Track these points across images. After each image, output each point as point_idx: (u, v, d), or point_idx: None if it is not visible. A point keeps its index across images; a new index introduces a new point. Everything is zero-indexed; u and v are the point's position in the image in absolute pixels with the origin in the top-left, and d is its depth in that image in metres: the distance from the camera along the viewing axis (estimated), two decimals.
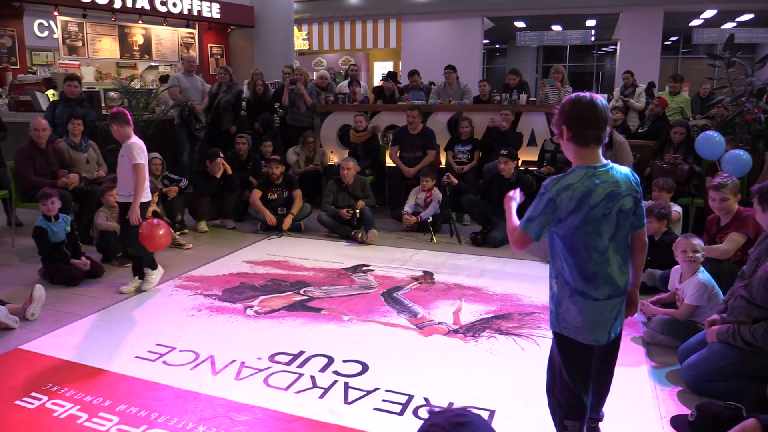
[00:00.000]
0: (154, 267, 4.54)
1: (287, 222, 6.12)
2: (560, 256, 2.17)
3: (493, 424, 2.67)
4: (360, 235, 5.84)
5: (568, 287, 2.16)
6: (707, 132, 5.46)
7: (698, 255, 3.44)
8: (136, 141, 4.29)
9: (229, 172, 6.27)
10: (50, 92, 8.21)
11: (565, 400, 2.25)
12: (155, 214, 5.57)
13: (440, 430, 1.08)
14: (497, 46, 23.37)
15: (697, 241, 3.48)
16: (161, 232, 4.43)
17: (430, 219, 6.04)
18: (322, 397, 2.92)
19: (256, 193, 6.23)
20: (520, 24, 17.81)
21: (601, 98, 2.14)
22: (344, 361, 3.29)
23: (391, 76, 8.69)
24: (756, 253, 2.97)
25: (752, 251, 3.02)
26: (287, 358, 3.32)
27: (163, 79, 10.96)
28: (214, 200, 6.36)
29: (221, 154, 6.32)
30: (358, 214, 5.96)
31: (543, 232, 2.11)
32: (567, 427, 2.28)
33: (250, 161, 6.87)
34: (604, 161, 2.17)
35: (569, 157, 2.20)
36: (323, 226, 6.09)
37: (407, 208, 6.26)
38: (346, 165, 6.15)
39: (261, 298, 4.30)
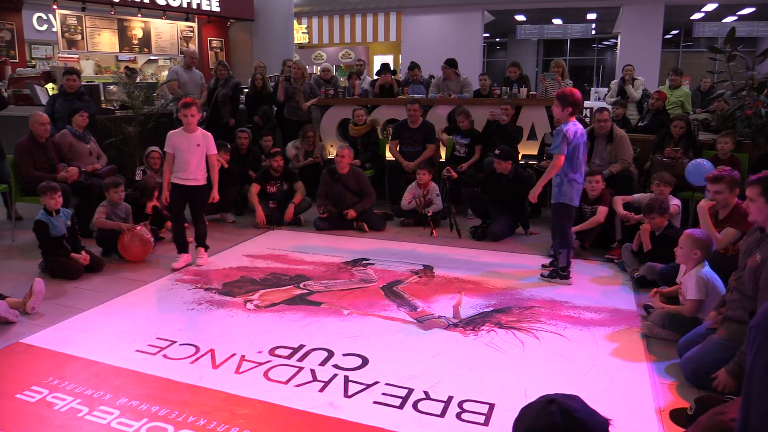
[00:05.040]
0: (207, 248, 5.07)
1: (289, 212, 6.15)
2: (566, 162, 4.25)
3: (492, 418, 2.68)
4: (363, 225, 6.00)
5: (567, 176, 4.28)
6: (698, 161, 5.35)
7: (682, 250, 3.52)
8: (208, 132, 4.90)
9: (225, 166, 6.25)
10: (49, 86, 8.20)
11: (565, 240, 4.47)
12: (155, 209, 5.58)
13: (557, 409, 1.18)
14: (497, 39, 23.31)
15: (693, 237, 3.51)
16: (141, 242, 4.94)
17: (430, 213, 6.05)
18: (322, 390, 2.92)
19: (255, 187, 6.23)
20: (520, 17, 17.76)
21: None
22: (344, 355, 3.30)
23: (385, 68, 8.62)
24: (745, 245, 2.97)
25: (741, 244, 3.02)
26: (287, 352, 3.33)
27: (130, 70, 10.73)
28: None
29: (228, 147, 6.33)
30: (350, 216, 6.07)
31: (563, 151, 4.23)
32: (562, 253, 4.47)
33: (250, 155, 6.86)
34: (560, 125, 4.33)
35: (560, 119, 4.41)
36: (321, 230, 6.08)
37: (404, 204, 6.28)
38: (341, 152, 6.09)
39: (261, 291, 4.30)
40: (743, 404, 1.79)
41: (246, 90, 8.53)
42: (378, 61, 17.23)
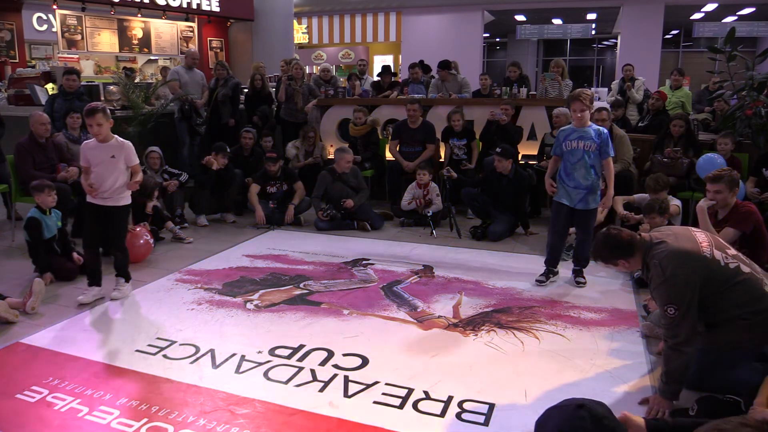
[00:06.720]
0: (128, 278, 4.24)
1: (289, 213, 6.15)
2: (561, 166, 4.39)
3: (493, 418, 2.68)
4: (365, 224, 6.02)
5: (560, 178, 4.37)
6: (710, 155, 5.40)
7: None
8: (126, 140, 4.07)
9: (215, 167, 6.21)
10: (49, 86, 8.19)
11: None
12: (155, 210, 5.57)
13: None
14: (497, 39, 23.31)
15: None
16: (140, 242, 4.87)
17: (431, 213, 6.04)
18: (322, 390, 2.93)
19: (255, 188, 6.23)
20: (520, 17, 17.76)
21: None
22: (344, 355, 3.30)
23: (386, 71, 8.62)
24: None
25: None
26: (287, 352, 3.33)
27: (129, 70, 10.75)
28: (215, 193, 6.36)
29: (227, 150, 6.32)
30: (342, 211, 6.08)
31: (558, 151, 4.39)
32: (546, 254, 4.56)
33: (253, 155, 6.86)
34: (589, 124, 4.28)
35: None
36: (321, 231, 6.06)
37: (405, 204, 6.28)
38: (347, 158, 6.17)
39: (261, 291, 4.30)
40: None
41: (246, 90, 8.53)
42: (378, 61, 17.26)
